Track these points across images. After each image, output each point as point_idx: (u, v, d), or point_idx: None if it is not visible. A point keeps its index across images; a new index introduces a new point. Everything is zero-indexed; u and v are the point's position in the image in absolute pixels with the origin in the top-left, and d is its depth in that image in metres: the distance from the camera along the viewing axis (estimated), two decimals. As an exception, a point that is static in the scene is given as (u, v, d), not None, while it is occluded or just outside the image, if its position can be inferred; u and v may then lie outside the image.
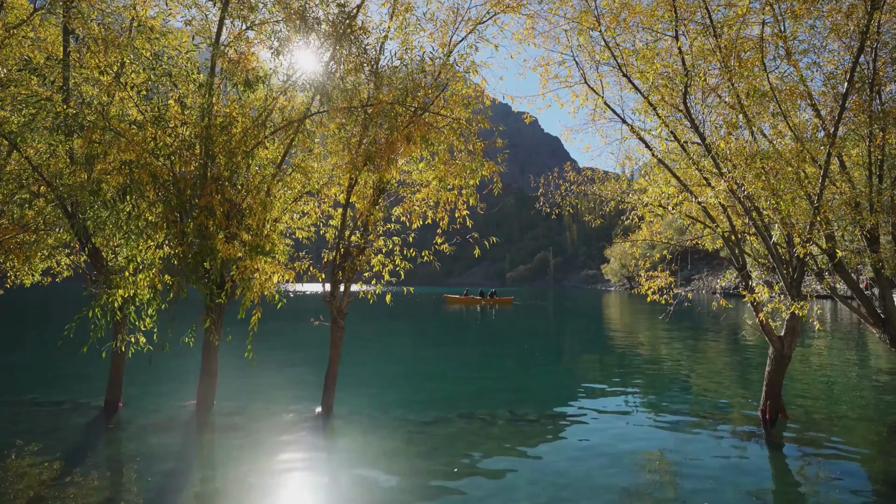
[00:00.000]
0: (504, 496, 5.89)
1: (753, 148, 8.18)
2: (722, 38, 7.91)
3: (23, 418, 8.58)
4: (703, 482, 6.32)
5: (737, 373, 14.06)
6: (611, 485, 6.22)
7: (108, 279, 7.58)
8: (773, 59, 8.12)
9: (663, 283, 9.92)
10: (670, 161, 9.69)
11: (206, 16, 8.99)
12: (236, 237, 7.97)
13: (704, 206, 8.98)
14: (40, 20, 9.68)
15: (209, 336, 8.82)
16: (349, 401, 9.88)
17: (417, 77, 8.62)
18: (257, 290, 8.10)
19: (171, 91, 8.50)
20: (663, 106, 9.00)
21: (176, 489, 5.92)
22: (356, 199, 9.20)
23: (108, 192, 7.64)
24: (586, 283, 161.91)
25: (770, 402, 8.89)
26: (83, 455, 7.00)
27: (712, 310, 37.54)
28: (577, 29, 8.97)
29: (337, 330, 9.18)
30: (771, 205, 7.87)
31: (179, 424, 8.37)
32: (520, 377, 13.61)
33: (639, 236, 11.88)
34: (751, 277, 8.93)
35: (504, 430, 8.45)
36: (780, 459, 7.39)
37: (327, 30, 8.29)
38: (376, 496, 5.85)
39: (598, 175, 10.56)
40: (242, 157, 8.22)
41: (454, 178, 8.65)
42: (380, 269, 9.30)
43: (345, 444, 7.67)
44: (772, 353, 8.78)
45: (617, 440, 7.94)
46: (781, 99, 7.83)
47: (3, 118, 8.58)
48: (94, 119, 7.60)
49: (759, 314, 8.43)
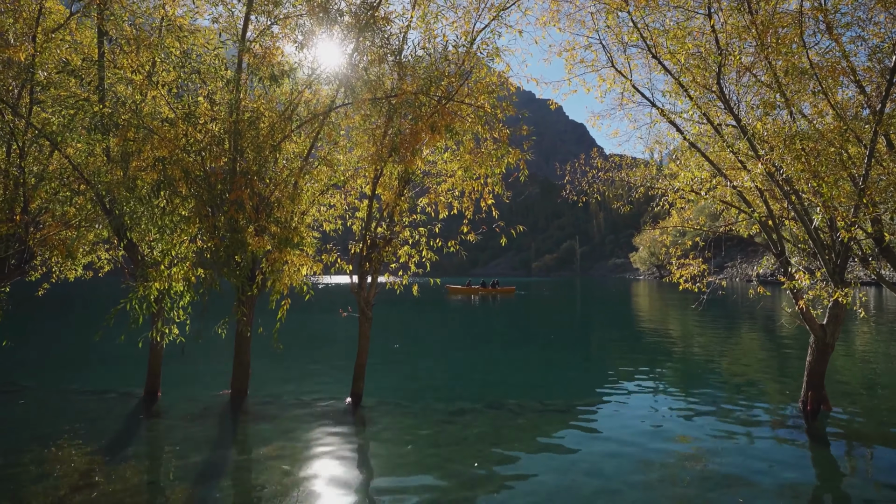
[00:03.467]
0: (535, 489, 5.87)
1: (792, 128, 7.82)
2: (758, 14, 7.56)
3: (69, 407, 8.99)
4: (742, 475, 6.15)
5: (775, 363, 13.63)
6: (644, 478, 6.11)
7: (144, 273, 7.83)
8: (813, 35, 7.72)
9: (696, 270, 9.66)
10: (703, 144, 9.37)
11: (233, 13, 9.12)
12: (265, 230, 8.11)
13: (740, 190, 8.66)
14: (76, 24, 10.00)
15: (241, 327, 9.04)
16: (377, 390, 10.01)
17: (441, 66, 8.55)
18: (286, 281, 8.23)
19: (200, 88, 8.67)
20: (695, 87, 8.69)
21: (214, 476, 6.11)
22: (382, 190, 9.23)
23: (143, 188, 7.88)
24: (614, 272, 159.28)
25: (812, 393, 8.58)
26: (126, 442, 7.29)
27: (748, 298, 36.42)
28: (604, 10, 8.71)
29: (365, 321, 9.27)
30: (812, 187, 7.53)
31: (215, 413, 8.63)
32: (548, 367, 13.51)
33: (669, 223, 11.57)
34: (790, 264, 8.60)
35: (533, 421, 8.41)
36: (822, 452, 7.14)
37: (350, 21, 8.30)
38: (407, 486, 5.90)
39: (626, 161, 10.31)
40: (270, 152, 8.34)
41: (479, 167, 8.58)
42: (406, 260, 9.34)
43: (374, 434, 7.77)
44: (813, 343, 8.46)
45: (649, 432, 7.80)
46: (822, 76, 7.45)
47: (45, 119, 8.93)
48: (128, 117, 7.82)
49: (800, 302, 8.11)
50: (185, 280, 7.91)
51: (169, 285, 7.83)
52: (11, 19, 9.11)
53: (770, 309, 28.90)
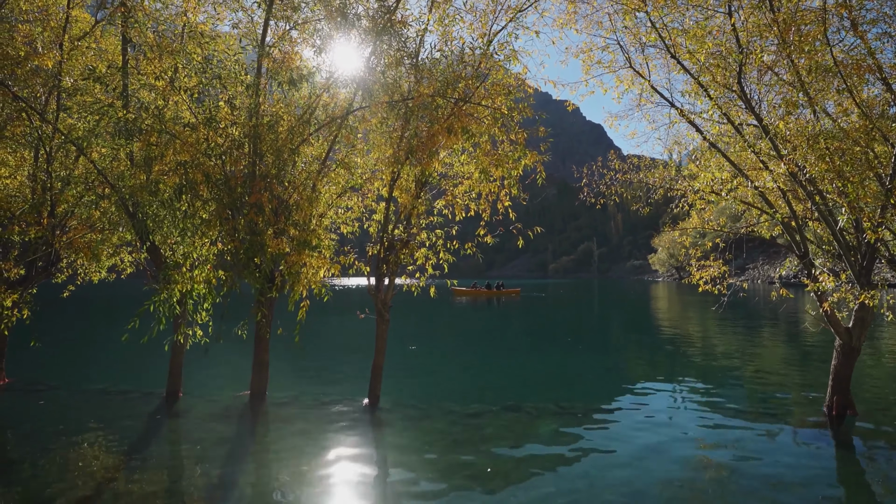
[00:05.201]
0: (552, 493, 5.83)
1: (816, 127, 7.66)
2: (780, 11, 7.42)
3: (94, 406, 9.20)
4: (764, 482, 6.03)
5: (798, 366, 13.34)
6: (664, 484, 6.02)
7: (166, 275, 7.98)
8: (837, 32, 7.55)
9: (716, 272, 9.51)
10: (723, 145, 9.23)
11: (252, 18, 9.28)
12: (284, 233, 8.21)
13: (762, 190, 8.50)
14: (101, 31, 10.27)
15: (260, 329, 9.16)
16: (394, 391, 10.04)
17: (457, 68, 8.57)
18: (305, 283, 8.32)
19: (220, 93, 8.82)
20: (715, 87, 8.56)
21: (234, 475, 6.20)
22: (399, 192, 9.27)
23: (166, 191, 8.04)
24: (632, 273, 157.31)
25: (837, 398, 8.38)
26: (149, 441, 7.44)
27: (770, 300, 35.69)
28: (622, 11, 8.64)
29: (382, 322, 9.32)
30: (836, 188, 7.36)
31: (235, 413, 8.75)
32: (565, 370, 13.41)
33: (689, 224, 11.41)
34: (814, 265, 8.42)
35: (551, 424, 8.35)
36: (848, 458, 6.96)
37: (367, 25, 8.37)
38: (424, 488, 5.91)
39: (644, 162, 10.20)
40: (289, 155, 8.45)
41: (496, 169, 8.56)
42: (423, 262, 9.36)
43: (392, 435, 7.80)
44: (838, 346, 8.26)
45: (669, 437, 7.69)
46: (847, 74, 7.27)
47: (71, 125, 9.18)
48: (151, 122, 7.99)
49: (824, 304, 7.93)
50: (207, 282, 8.04)
51: (191, 287, 7.97)
52: (40, 28, 9.40)
53: (793, 311, 28.28)
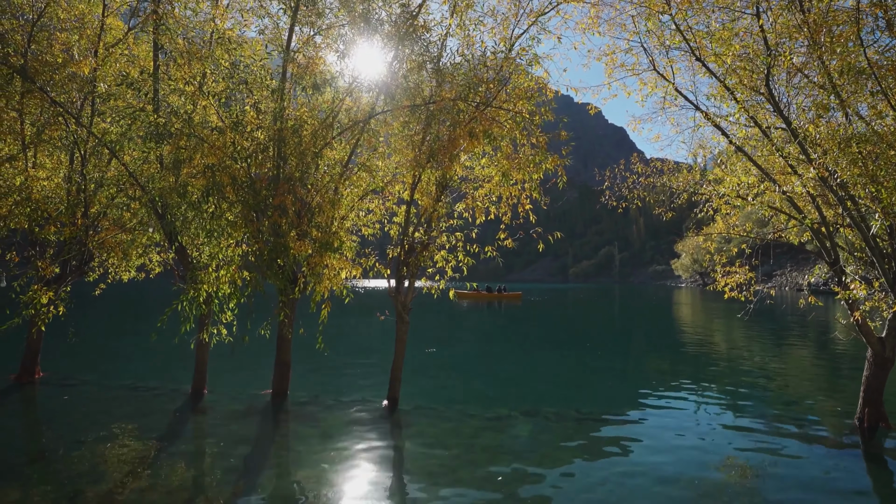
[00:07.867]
0: (574, 501, 5.77)
1: (848, 131, 7.45)
2: (810, 12, 7.26)
3: (121, 402, 9.46)
4: (793, 496, 5.87)
5: (828, 377, 12.94)
6: (686, 496, 5.91)
7: (193, 275, 8.18)
8: (871, 32, 7.34)
9: (742, 278, 9.31)
10: (750, 148, 9.05)
11: (278, 24, 9.47)
12: (307, 235, 8.34)
13: (790, 195, 8.30)
14: (134, 38, 10.61)
15: (283, 329, 9.30)
16: (414, 394, 10.08)
17: (479, 72, 8.60)
18: (327, 285, 8.43)
19: (247, 97, 9.03)
20: (742, 90, 8.41)
21: (255, 472, 6.31)
22: (419, 195, 9.33)
23: (194, 194, 8.25)
24: (655, 279, 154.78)
25: (869, 410, 8.11)
26: (174, 437, 7.62)
27: (798, 308, 34.70)
28: (646, 14, 8.56)
29: (401, 324, 9.37)
30: (869, 193, 7.14)
31: (257, 412, 8.90)
32: (585, 375, 13.28)
33: (714, 229, 11.19)
34: (845, 273, 8.17)
35: (570, 430, 8.28)
36: (881, 472, 6.73)
37: (390, 30, 8.47)
38: (442, 491, 5.92)
39: (668, 166, 10.06)
40: (312, 158, 8.59)
41: (517, 173, 8.56)
42: (443, 264, 9.39)
43: (411, 437, 7.83)
44: (870, 356, 8.00)
45: (692, 447, 7.55)
46: (881, 76, 7.06)
47: (105, 129, 9.50)
48: (180, 127, 8.22)
49: (855, 313, 7.69)
50: (232, 283, 8.21)
51: (217, 288, 8.15)
52: (77, 35, 9.76)
53: (822, 320, 27.44)
